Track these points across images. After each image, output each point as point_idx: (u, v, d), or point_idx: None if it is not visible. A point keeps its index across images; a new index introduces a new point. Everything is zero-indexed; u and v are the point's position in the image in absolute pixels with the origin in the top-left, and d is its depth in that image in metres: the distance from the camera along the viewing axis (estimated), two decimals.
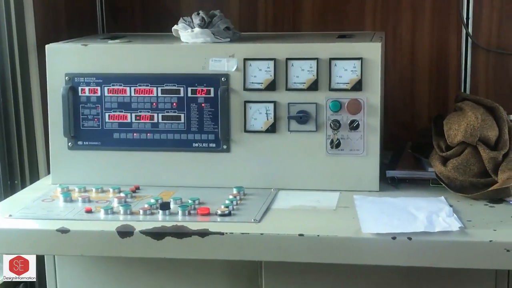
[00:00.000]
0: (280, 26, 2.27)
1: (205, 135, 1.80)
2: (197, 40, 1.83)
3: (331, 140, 1.75)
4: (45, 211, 1.65)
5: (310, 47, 1.76)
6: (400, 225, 1.48)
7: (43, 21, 2.01)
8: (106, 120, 1.83)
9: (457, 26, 2.19)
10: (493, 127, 1.73)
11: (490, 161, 1.70)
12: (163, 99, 1.81)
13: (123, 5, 2.35)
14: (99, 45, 1.87)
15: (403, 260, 1.46)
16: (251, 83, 1.77)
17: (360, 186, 1.75)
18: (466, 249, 1.43)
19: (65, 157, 1.85)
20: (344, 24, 2.23)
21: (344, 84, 1.74)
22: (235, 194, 1.71)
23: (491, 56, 2.19)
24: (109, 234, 1.52)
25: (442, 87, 2.22)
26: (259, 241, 1.49)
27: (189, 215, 1.59)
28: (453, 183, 1.72)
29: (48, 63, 1.84)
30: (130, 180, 1.81)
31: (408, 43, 2.22)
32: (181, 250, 1.51)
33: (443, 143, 1.78)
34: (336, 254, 1.47)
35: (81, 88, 1.83)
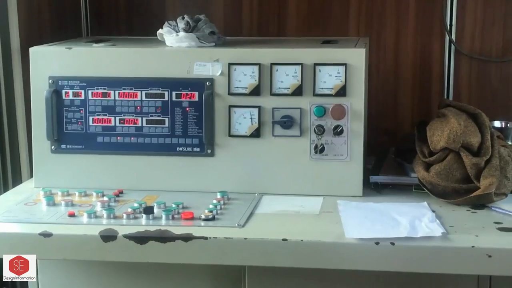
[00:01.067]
0: (265, 31, 2.28)
1: (190, 139, 1.80)
2: (182, 44, 1.83)
3: (315, 145, 1.76)
4: (28, 214, 1.64)
5: (295, 53, 1.77)
6: (383, 230, 1.49)
7: (27, 24, 2.00)
8: (90, 124, 1.82)
9: (440, 33, 2.21)
10: (476, 134, 1.75)
11: (472, 167, 1.71)
12: (147, 103, 1.80)
13: (107, 9, 2.34)
14: (83, 48, 1.86)
15: (386, 265, 1.47)
16: (236, 88, 1.77)
17: (344, 191, 1.76)
18: (448, 254, 1.44)
19: (48, 161, 1.84)
20: (329, 29, 2.24)
21: (328, 89, 1.74)
22: (219, 198, 1.71)
23: (473, 63, 2.21)
24: (92, 238, 1.51)
25: (425, 93, 2.24)
26: (243, 246, 1.49)
27: (173, 219, 1.59)
28: (436, 189, 1.73)
29: (32, 66, 1.83)
30: (113, 184, 1.80)
31: (391, 49, 2.23)
32: (165, 255, 1.51)
33: (426, 149, 1.79)
34: (320, 259, 1.48)
35: (65, 91, 1.82)
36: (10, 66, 1.96)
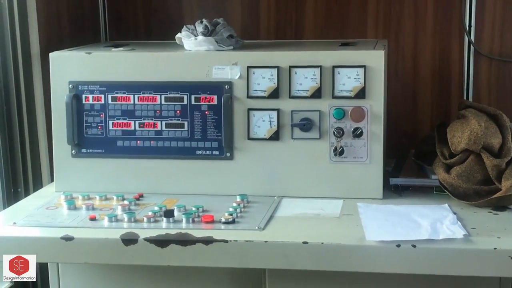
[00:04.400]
0: (282, 34, 2.28)
1: (209, 143, 1.80)
2: (200, 48, 1.83)
3: (335, 148, 1.75)
4: (49, 218, 1.65)
5: (313, 55, 1.77)
6: (404, 232, 1.49)
7: (47, 30, 2.01)
8: (109, 128, 1.83)
9: (459, 34, 2.19)
10: (497, 135, 1.74)
11: (493, 168, 1.70)
12: (166, 107, 1.81)
13: (125, 13, 2.36)
14: (102, 53, 1.88)
15: (407, 267, 1.46)
16: (255, 91, 1.77)
17: (364, 193, 1.75)
18: (470, 256, 1.44)
19: (68, 165, 1.85)
20: (346, 31, 2.23)
21: (348, 91, 1.74)
22: (238, 201, 1.71)
23: (493, 64, 2.19)
24: (113, 241, 1.52)
25: (444, 94, 2.22)
26: (263, 249, 1.49)
27: (193, 222, 1.59)
28: (457, 191, 1.72)
29: (52, 71, 1.85)
30: (133, 187, 1.81)
31: (410, 51, 2.23)
32: (185, 258, 1.51)
33: (446, 151, 1.78)
34: (340, 262, 1.47)
35: (85, 96, 1.83)
36: (30, 71, 1.97)
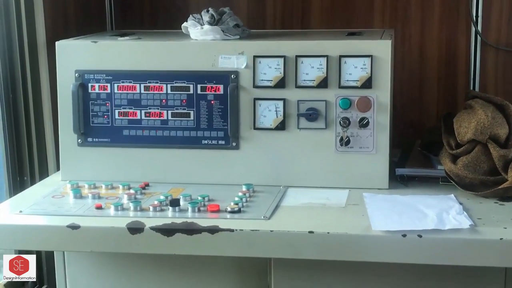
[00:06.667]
0: (289, 24, 2.27)
1: (215, 132, 1.80)
2: (206, 37, 1.83)
3: (341, 138, 1.75)
4: (55, 207, 1.65)
5: (319, 45, 1.76)
6: (410, 222, 1.48)
7: (53, 18, 2.01)
8: (115, 117, 1.83)
9: (466, 24, 2.19)
10: (503, 125, 1.73)
11: (500, 159, 1.69)
12: (172, 96, 1.81)
13: (131, 2, 2.35)
14: (109, 42, 1.87)
15: (413, 257, 1.46)
16: (261, 80, 1.77)
17: (370, 183, 1.75)
18: (476, 247, 1.44)
19: (74, 154, 1.85)
20: (353, 21, 2.23)
21: (354, 81, 1.74)
22: (244, 191, 1.71)
23: (500, 54, 2.19)
24: (119, 230, 1.52)
25: (451, 85, 2.22)
26: (269, 238, 1.49)
27: (199, 211, 1.59)
28: (463, 181, 1.71)
29: (58, 60, 1.85)
30: (139, 176, 1.81)
31: (417, 41, 2.22)
32: (191, 247, 1.51)
33: (453, 141, 1.78)
34: (346, 252, 1.47)
35: (91, 84, 1.83)
36: (36, 60, 1.97)
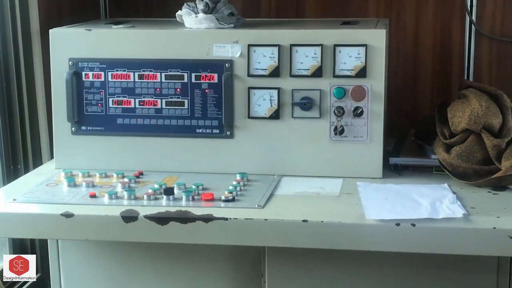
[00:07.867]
0: (283, 12, 2.26)
1: (209, 121, 1.80)
2: (201, 26, 1.82)
3: (335, 127, 1.75)
4: (49, 195, 1.65)
5: (314, 34, 1.76)
6: (404, 211, 1.49)
7: (47, 6, 2.00)
8: (109, 106, 1.83)
9: (460, 14, 2.18)
10: (497, 115, 1.73)
11: (493, 148, 1.70)
12: (166, 85, 1.81)
13: None
14: (103, 30, 1.87)
15: (407, 246, 1.47)
16: (255, 69, 1.77)
17: (363, 173, 1.75)
18: (469, 236, 1.44)
19: (68, 142, 1.85)
20: (348, 10, 2.22)
21: (348, 70, 1.73)
22: (238, 180, 1.71)
23: (494, 44, 2.19)
24: (114, 218, 1.52)
25: (445, 74, 2.22)
26: (263, 227, 1.49)
27: (193, 200, 1.60)
28: (457, 170, 1.72)
29: (52, 48, 1.84)
30: (133, 165, 1.81)
31: (411, 30, 2.22)
32: (185, 235, 1.51)
33: (446, 130, 1.78)
34: (340, 240, 1.48)
35: (85, 73, 1.83)
36: (30, 48, 1.96)
